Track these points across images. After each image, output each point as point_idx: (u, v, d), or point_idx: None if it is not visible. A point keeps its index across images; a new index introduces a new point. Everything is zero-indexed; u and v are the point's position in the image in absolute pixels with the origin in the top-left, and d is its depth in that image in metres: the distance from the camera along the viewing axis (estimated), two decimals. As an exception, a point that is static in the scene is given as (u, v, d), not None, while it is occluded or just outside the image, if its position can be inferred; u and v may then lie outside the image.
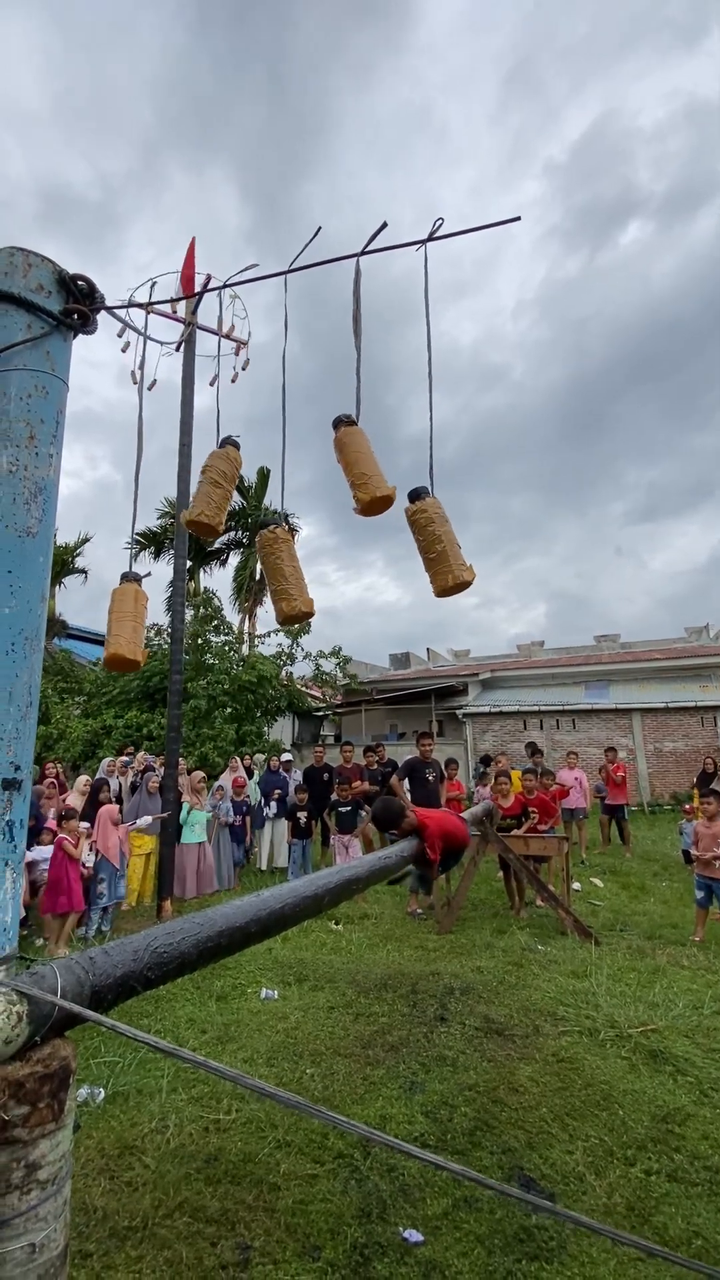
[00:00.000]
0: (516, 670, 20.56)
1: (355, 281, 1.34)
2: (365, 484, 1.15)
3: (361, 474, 1.16)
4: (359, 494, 1.15)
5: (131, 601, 1.31)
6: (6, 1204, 0.92)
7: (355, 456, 1.17)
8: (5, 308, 1.32)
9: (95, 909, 6.25)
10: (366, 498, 1.14)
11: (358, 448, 1.18)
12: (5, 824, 1.15)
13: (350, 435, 1.20)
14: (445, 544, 1.13)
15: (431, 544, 1.11)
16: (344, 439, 1.20)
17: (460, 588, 1.10)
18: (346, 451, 1.19)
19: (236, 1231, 2.27)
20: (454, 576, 1.09)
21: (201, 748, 11.58)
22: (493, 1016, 3.97)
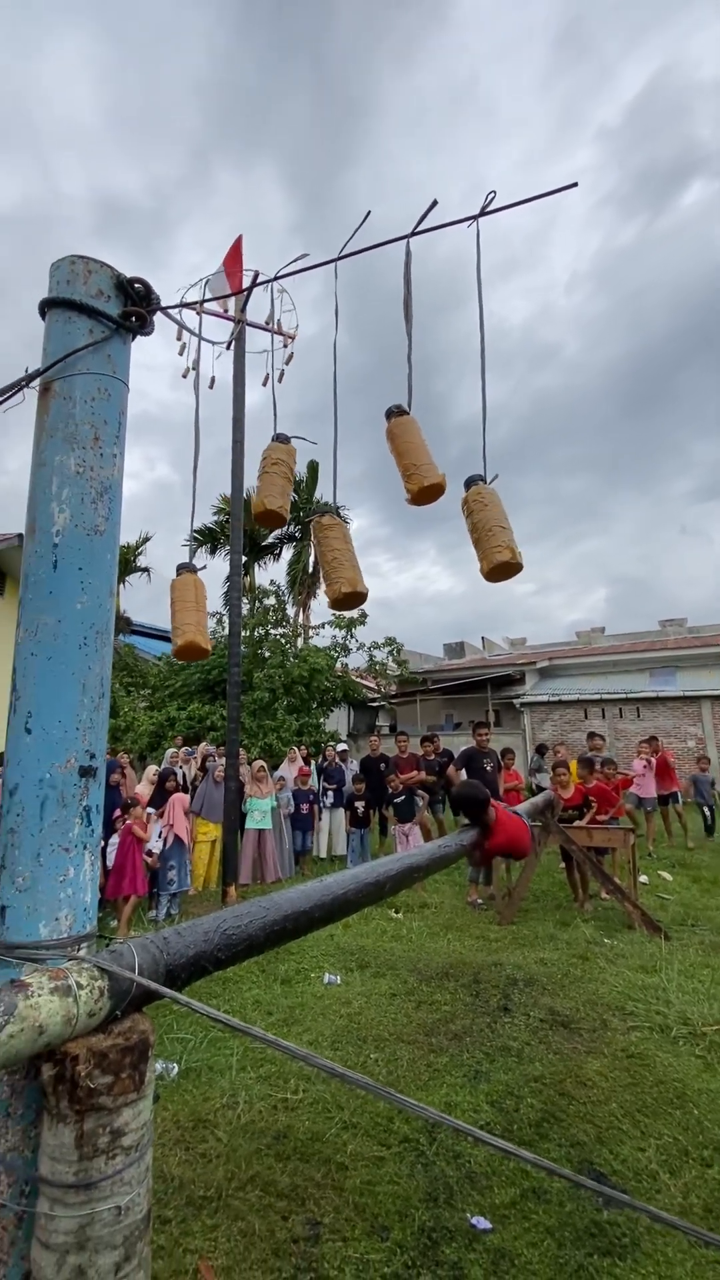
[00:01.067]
0: (576, 658, 20.02)
1: (406, 265, 1.33)
2: (415, 474, 1.14)
3: (411, 464, 1.15)
4: (409, 484, 1.14)
5: (192, 591, 1.35)
6: (94, 1167, 0.98)
7: (406, 447, 1.16)
8: (68, 314, 1.37)
9: (164, 894, 6.51)
10: (416, 487, 1.13)
11: (409, 438, 1.17)
12: (83, 809, 1.20)
13: (401, 426, 1.19)
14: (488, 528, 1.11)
15: (476, 528, 1.10)
16: (395, 429, 1.19)
17: (505, 569, 1.08)
18: (397, 442, 1.18)
19: (306, 1207, 2.33)
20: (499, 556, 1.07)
21: (265, 738, 11.83)
22: (558, 1009, 3.91)
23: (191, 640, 1.35)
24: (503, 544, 1.05)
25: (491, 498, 1.10)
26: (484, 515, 1.07)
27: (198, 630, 1.35)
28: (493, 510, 1.07)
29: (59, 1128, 0.98)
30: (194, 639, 1.35)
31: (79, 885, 1.18)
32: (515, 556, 1.04)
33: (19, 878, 1.13)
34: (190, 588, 1.35)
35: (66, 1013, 0.99)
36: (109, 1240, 0.97)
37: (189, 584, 1.36)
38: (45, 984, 0.99)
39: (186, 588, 1.35)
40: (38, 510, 1.28)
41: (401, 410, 1.20)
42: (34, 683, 1.20)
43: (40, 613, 1.23)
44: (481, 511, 1.08)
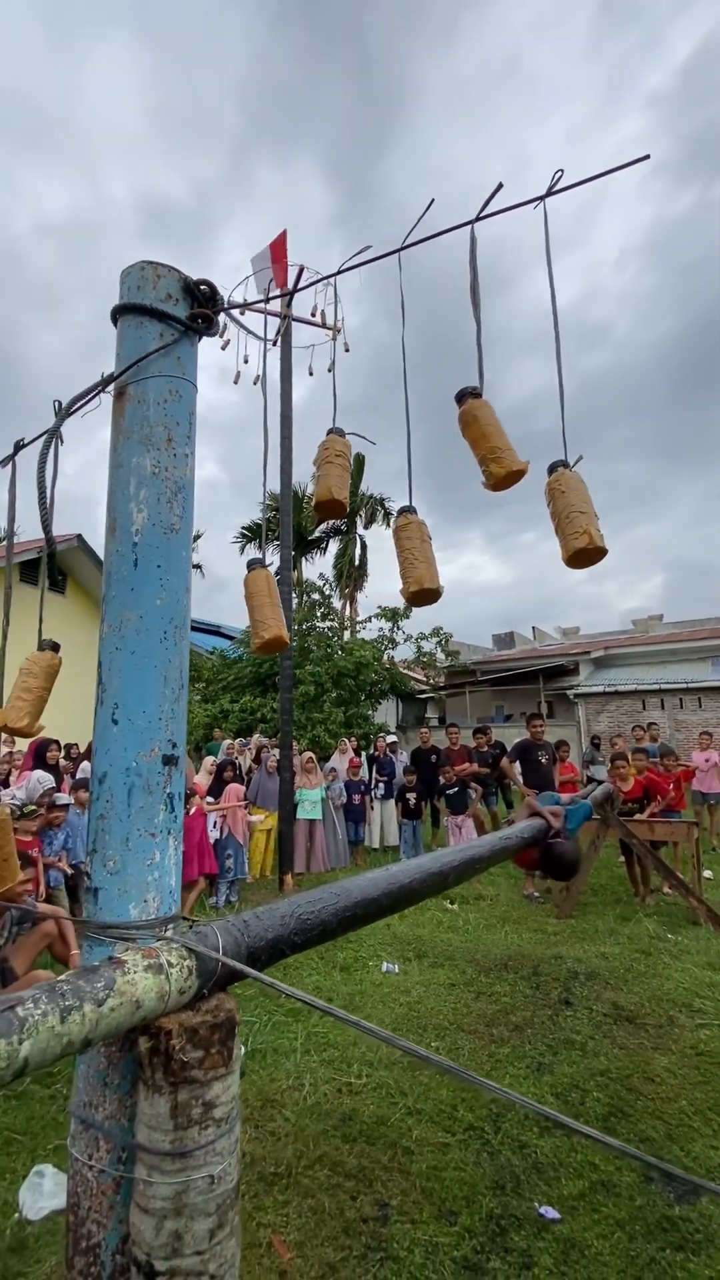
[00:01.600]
0: (632, 647, 19.43)
1: (471, 251, 1.31)
2: (499, 458, 1.13)
3: (494, 448, 1.14)
4: (493, 468, 1.13)
5: (266, 585, 1.37)
6: (189, 1136, 1.02)
7: (486, 430, 1.15)
8: (140, 319, 1.41)
9: (223, 881, 6.69)
10: (502, 471, 1.12)
11: (488, 421, 1.16)
12: (166, 796, 1.25)
13: (479, 408, 1.18)
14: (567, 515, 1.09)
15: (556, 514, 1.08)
16: (473, 412, 1.18)
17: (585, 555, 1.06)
18: (475, 426, 1.17)
19: (374, 1189, 2.38)
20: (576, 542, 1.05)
21: (313, 730, 11.97)
22: (621, 1004, 3.84)
23: (277, 635, 1.38)
24: (579, 529, 1.03)
25: (570, 482, 1.08)
26: (564, 501, 1.05)
27: (279, 624, 1.38)
28: (572, 495, 1.06)
29: (155, 1098, 1.04)
30: (278, 633, 1.38)
31: (164, 869, 1.23)
32: (593, 540, 1.01)
33: (109, 861, 1.19)
34: (264, 582, 1.38)
35: (160, 989, 1.04)
36: (203, 1208, 1.02)
37: (261, 579, 1.39)
38: (139, 962, 1.04)
39: (259, 582, 1.38)
40: (118, 510, 1.33)
41: (476, 392, 1.19)
42: (119, 676, 1.25)
43: (123, 608, 1.28)
44: (561, 497, 1.06)
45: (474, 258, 1.29)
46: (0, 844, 1.79)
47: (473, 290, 1.26)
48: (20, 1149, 2.60)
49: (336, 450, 1.33)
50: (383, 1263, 2.05)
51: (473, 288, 1.26)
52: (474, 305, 1.26)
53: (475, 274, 1.28)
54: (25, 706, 1.41)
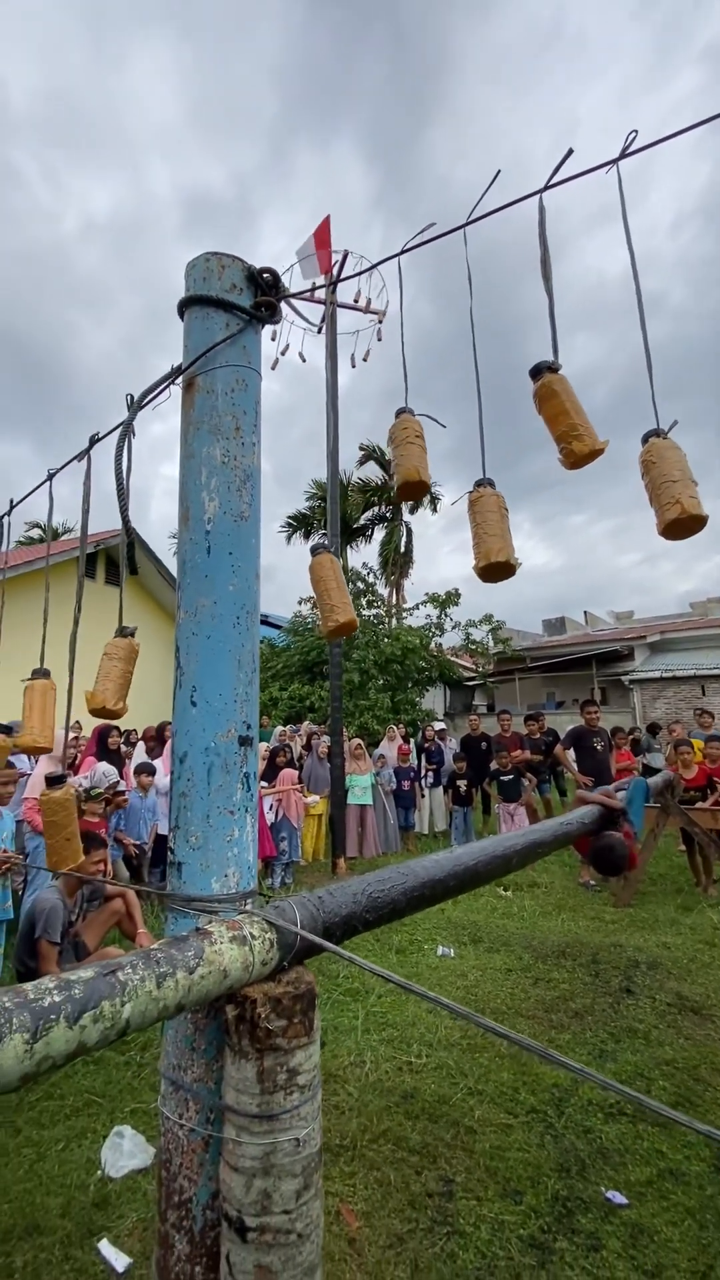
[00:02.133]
0: (691, 631, 18.74)
1: (540, 222, 1.28)
2: (580, 436, 1.10)
3: (574, 425, 1.11)
4: (575, 445, 1.10)
5: (331, 569, 1.39)
6: (274, 1101, 1.06)
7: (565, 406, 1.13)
8: (207, 310, 1.43)
9: (277, 864, 6.84)
10: (584, 450, 1.09)
11: (567, 396, 1.13)
12: (243, 775, 1.29)
13: (556, 383, 1.15)
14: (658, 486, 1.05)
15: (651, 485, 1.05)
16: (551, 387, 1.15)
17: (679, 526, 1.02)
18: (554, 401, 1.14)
19: (438, 1165, 2.41)
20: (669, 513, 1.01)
21: (360, 717, 12.05)
22: (686, 994, 3.76)
23: (349, 619, 1.39)
24: (671, 499, 0.99)
25: (661, 450, 1.04)
26: (655, 471, 1.02)
27: (347, 608, 1.39)
28: (664, 464, 1.02)
29: (242, 1063, 1.08)
30: (349, 617, 1.39)
31: (243, 845, 1.27)
32: (685, 510, 0.98)
33: (191, 837, 1.24)
34: (330, 567, 1.40)
35: (245, 960, 1.08)
36: (290, 1169, 1.06)
37: (327, 564, 1.40)
38: (225, 933, 1.08)
39: (326, 568, 1.40)
40: (190, 499, 1.36)
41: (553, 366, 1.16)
42: (196, 660, 1.29)
43: (198, 595, 1.32)
44: (654, 468, 1.03)
45: (543, 229, 1.26)
46: (64, 823, 1.88)
47: (543, 263, 1.23)
48: (100, 1110, 2.75)
49: (416, 430, 1.32)
50: (449, 1236, 2.09)
51: (543, 260, 1.23)
52: (545, 278, 1.23)
53: (545, 246, 1.25)
54: (113, 688, 1.47)
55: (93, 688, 1.51)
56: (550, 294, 1.22)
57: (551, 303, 1.22)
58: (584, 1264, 1.96)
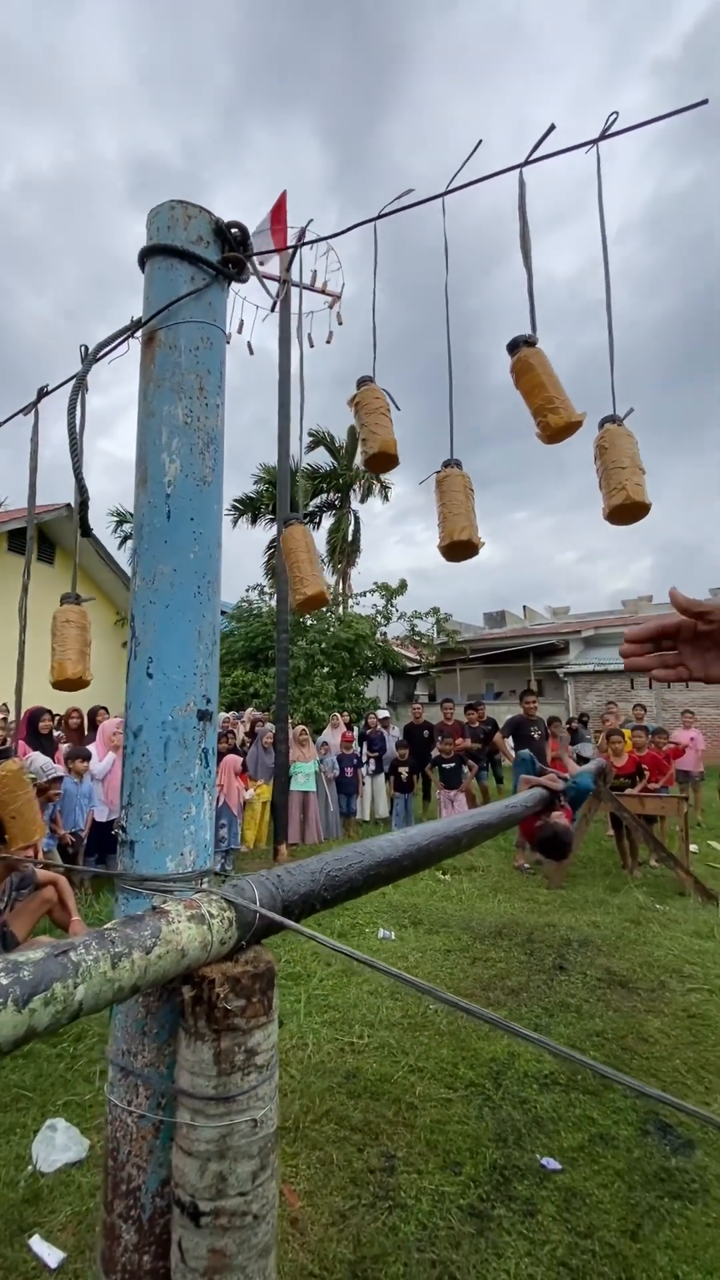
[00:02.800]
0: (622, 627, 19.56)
1: (520, 197, 1.27)
2: (556, 409, 1.10)
3: (550, 398, 1.11)
4: (550, 419, 1.10)
5: (304, 541, 1.35)
6: (232, 1082, 1.03)
7: (542, 379, 1.12)
8: (170, 262, 1.35)
9: (218, 851, 6.74)
10: (560, 422, 1.09)
11: (543, 370, 1.13)
12: (201, 751, 1.24)
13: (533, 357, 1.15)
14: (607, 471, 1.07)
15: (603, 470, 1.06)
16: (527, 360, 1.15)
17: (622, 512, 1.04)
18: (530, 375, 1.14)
19: (380, 1141, 2.44)
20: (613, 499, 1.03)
21: (305, 704, 12.00)
22: (614, 969, 3.94)
23: (318, 592, 1.35)
24: (617, 485, 1.01)
25: (612, 437, 1.06)
26: (606, 458, 1.03)
27: (318, 581, 1.35)
28: (614, 451, 1.03)
29: (198, 1045, 1.04)
30: (319, 590, 1.35)
31: (200, 823, 1.23)
32: (630, 497, 0.99)
33: (146, 814, 1.18)
34: (302, 538, 1.35)
35: (203, 939, 1.04)
36: (247, 1150, 1.03)
37: (299, 535, 1.36)
38: (182, 912, 1.04)
39: (298, 539, 1.35)
40: (149, 460, 1.29)
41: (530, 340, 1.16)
42: (154, 630, 1.23)
43: (157, 561, 1.25)
44: (604, 454, 1.04)
45: (523, 204, 1.25)
46: (15, 797, 1.78)
47: (522, 237, 1.22)
48: (30, 1104, 2.64)
49: (384, 402, 1.29)
50: (391, 1210, 2.12)
51: (522, 234, 1.22)
52: (524, 253, 1.22)
53: (524, 220, 1.24)
54: (74, 654, 1.38)
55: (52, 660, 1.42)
56: (529, 269, 1.21)
57: (530, 277, 1.21)
58: (521, 1229, 2.03)
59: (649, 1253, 1.91)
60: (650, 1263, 1.87)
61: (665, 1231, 1.99)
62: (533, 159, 1.25)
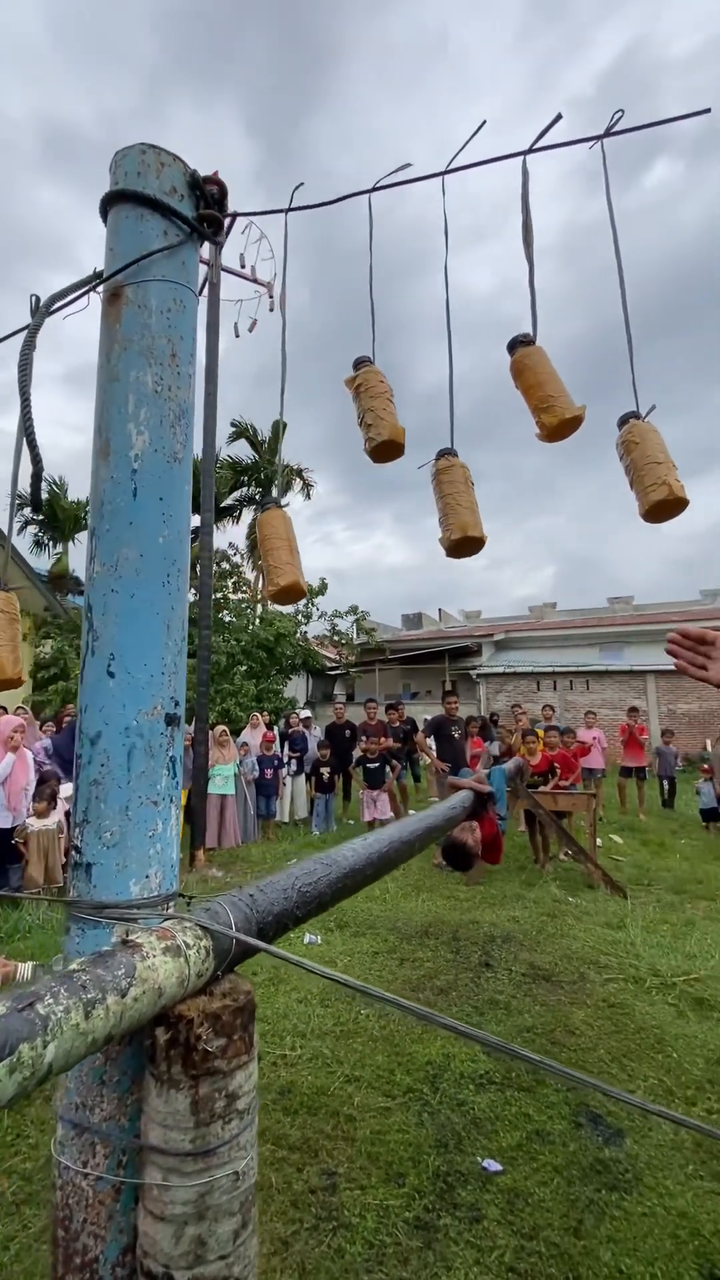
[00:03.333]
0: (530, 631, 20.49)
1: (524, 185, 1.23)
2: (551, 407, 1.07)
3: (546, 397, 1.07)
4: (544, 417, 1.07)
5: (283, 526, 1.24)
6: (211, 1133, 0.92)
7: (539, 378, 1.08)
8: (140, 211, 1.21)
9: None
10: (554, 421, 1.06)
11: (540, 369, 1.09)
12: (169, 760, 1.11)
13: (529, 356, 1.11)
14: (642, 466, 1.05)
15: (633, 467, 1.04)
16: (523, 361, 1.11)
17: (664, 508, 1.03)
18: (527, 375, 1.10)
19: (320, 1159, 2.35)
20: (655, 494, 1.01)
21: (223, 704, 11.66)
22: (537, 963, 4.06)
23: (295, 581, 1.24)
24: (657, 480, 0.99)
25: (643, 432, 1.04)
26: (638, 452, 1.01)
27: (295, 571, 1.25)
28: (647, 445, 1.01)
29: (171, 1094, 0.92)
30: (297, 579, 1.24)
31: (166, 840, 1.10)
32: (673, 491, 0.98)
33: (106, 833, 1.04)
34: (282, 523, 1.24)
35: (180, 973, 0.92)
36: (228, 1207, 0.92)
37: (279, 520, 1.25)
38: (156, 945, 0.91)
39: (277, 524, 1.24)
40: (111, 429, 1.15)
41: (527, 340, 1.12)
42: (115, 622, 1.09)
43: (121, 545, 1.11)
44: (636, 449, 1.02)
45: (526, 194, 1.21)
46: None
47: (525, 227, 1.18)
48: None
49: (387, 385, 1.21)
50: (335, 1231, 2.04)
51: (525, 225, 1.18)
52: (526, 243, 1.18)
53: (527, 211, 1.19)
54: (7, 655, 1.20)
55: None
56: (531, 260, 1.17)
57: (531, 270, 1.17)
58: (468, 1237, 2.01)
59: (593, 1249, 1.94)
60: (594, 1259, 1.91)
61: (606, 1225, 2.03)
62: (536, 147, 1.21)
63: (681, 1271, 1.89)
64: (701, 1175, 2.28)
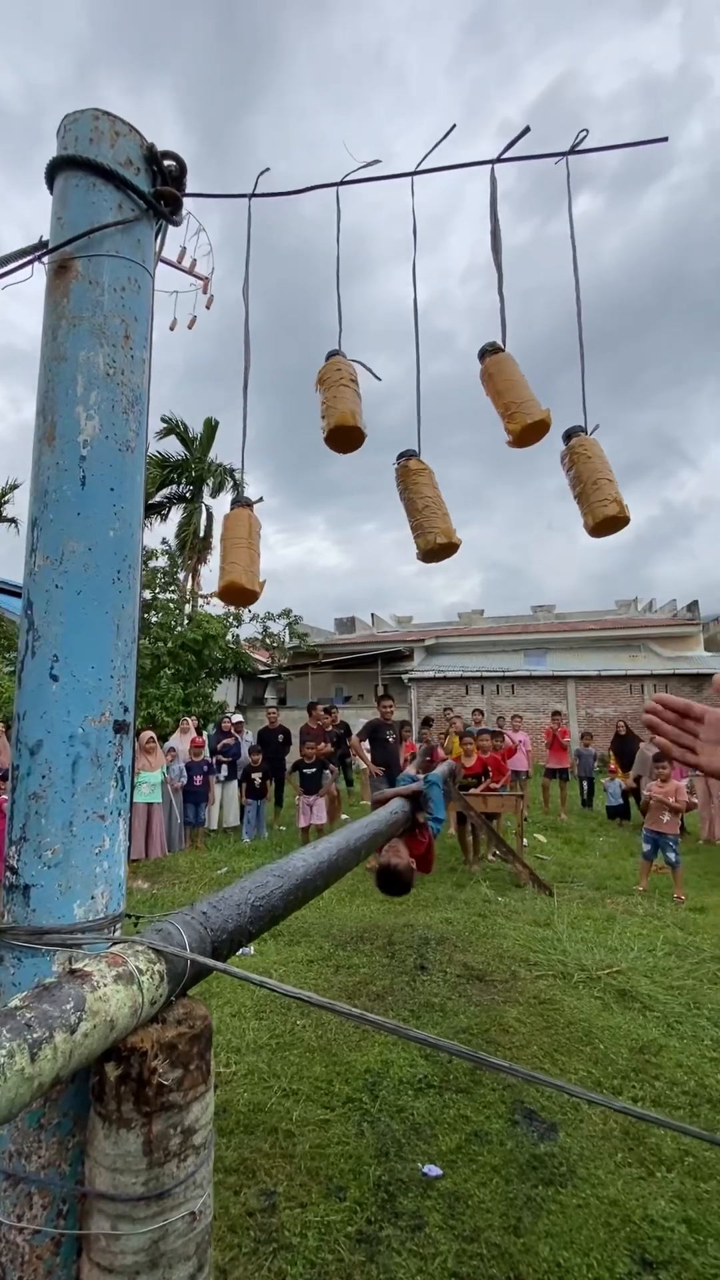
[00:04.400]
0: (460, 637, 20.98)
1: (492, 192, 1.24)
2: (514, 413, 1.07)
3: (509, 404, 1.08)
4: (510, 424, 1.07)
5: (246, 527, 1.18)
6: (166, 1173, 0.85)
7: (503, 385, 1.09)
8: (92, 180, 1.13)
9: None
10: (517, 427, 1.06)
11: (506, 375, 1.09)
12: (117, 770, 1.03)
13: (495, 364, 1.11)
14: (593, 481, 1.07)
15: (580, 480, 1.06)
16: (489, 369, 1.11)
17: (611, 524, 1.05)
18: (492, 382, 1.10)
19: (257, 1179, 2.28)
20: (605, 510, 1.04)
21: (148, 708, 11.24)
22: (471, 964, 4.12)
23: (235, 581, 1.18)
24: (608, 497, 1.01)
25: (594, 448, 1.06)
26: (589, 467, 1.03)
27: (247, 571, 1.19)
28: (597, 461, 1.03)
29: (121, 1134, 0.85)
30: (236, 579, 1.18)
31: (114, 858, 1.02)
32: (622, 510, 1.01)
33: (47, 851, 0.95)
34: (244, 523, 1.18)
35: (133, 1003, 0.85)
36: (183, 1252, 0.86)
37: (242, 519, 1.19)
38: (107, 973, 0.84)
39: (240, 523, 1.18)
40: (56, 412, 1.06)
41: (496, 347, 1.12)
42: (60, 621, 1.00)
43: (66, 537, 1.02)
44: (585, 464, 1.03)
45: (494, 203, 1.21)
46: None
47: (493, 236, 1.18)
48: None
49: (350, 374, 1.18)
50: (276, 1253, 1.97)
51: (493, 233, 1.19)
52: (494, 250, 1.18)
53: (495, 220, 1.20)
54: None
55: None
56: (499, 267, 1.17)
57: (501, 279, 1.18)
58: (410, 1246, 1.99)
59: (531, 1245, 1.97)
60: (534, 1255, 1.93)
61: (543, 1221, 2.07)
62: (504, 158, 1.22)
63: (615, 1260, 1.95)
64: (630, 1162, 2.37)
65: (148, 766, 7.82)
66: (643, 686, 17.77)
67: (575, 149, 1.23)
